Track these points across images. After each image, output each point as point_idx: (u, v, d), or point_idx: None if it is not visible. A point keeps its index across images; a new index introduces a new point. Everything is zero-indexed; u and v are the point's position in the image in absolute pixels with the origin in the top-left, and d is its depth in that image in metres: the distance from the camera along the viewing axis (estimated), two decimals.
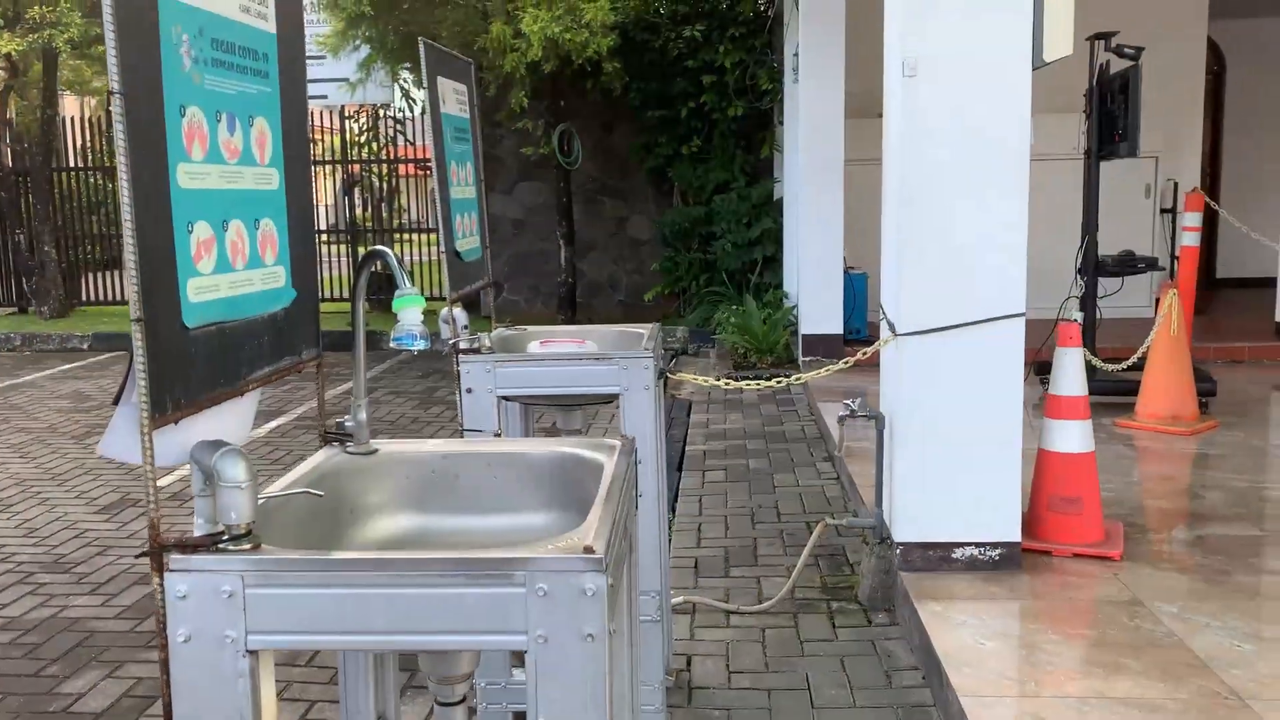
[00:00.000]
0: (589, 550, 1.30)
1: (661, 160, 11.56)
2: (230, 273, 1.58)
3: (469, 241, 3.16)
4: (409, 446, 1.92)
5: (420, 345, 1.71)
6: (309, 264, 1.84)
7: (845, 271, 8.44)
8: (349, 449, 1.88)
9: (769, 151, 11.31)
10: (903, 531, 3.91)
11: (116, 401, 1.40)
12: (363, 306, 1.83)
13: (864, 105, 9.62)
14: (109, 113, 9.12)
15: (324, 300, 13.12)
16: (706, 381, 3.61)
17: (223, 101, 1.56)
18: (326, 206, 17.51)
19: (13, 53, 11.85)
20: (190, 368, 1.45)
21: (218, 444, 1.42)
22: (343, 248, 13.32)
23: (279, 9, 1.73)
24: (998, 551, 3.88)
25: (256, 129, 1.67)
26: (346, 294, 12.84)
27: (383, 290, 12.75)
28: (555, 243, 11.65)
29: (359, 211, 13.29)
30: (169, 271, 1.40)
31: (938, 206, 3.74)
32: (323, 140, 16.54)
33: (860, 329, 8.66)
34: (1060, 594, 3.68)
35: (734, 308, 9.32)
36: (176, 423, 1.42)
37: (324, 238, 14.10)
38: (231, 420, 1.60)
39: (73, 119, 13.65)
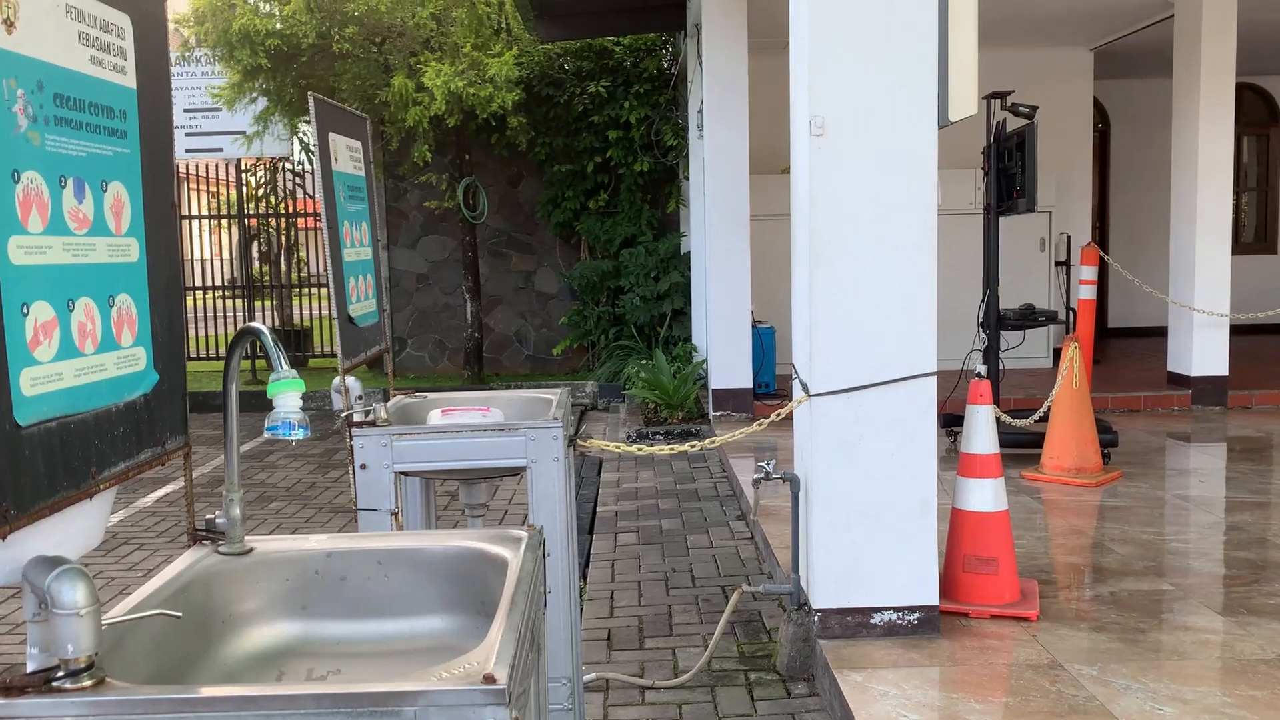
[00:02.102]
0: (490, 680, 1.14)
1: (568, 214, 11.49)
2: (77, 358, 1.39)
3: (364, 305, 2.98)
4: (289, 545, 1.73)
5: (299, 435, 1.53)
6: (175, 343, 1.65)
7: (753, 325, 8.42)
8: (221, 549, 1.68)
9: (675, 206, 11.33)
10: (820, 597, 3.80)
11: None
12: (236, 387, 1.65)
13: (767, 161, 9.71)
14: None
15: (217, 359, 12.66)
16: (619, 448, 3.46)
17: (68, 165, 1.38)
18: (223, 260, 16.98)
19: None
20: (23, 473, 1.25)
21: (54, 561, 1.22)
22: (239, 302, 12.88)
23: (140, 61, 1.56)
24: (916, 615, 3.79)
25: (111, 195, 1.48)
26: (246, 351, 12.39)
27: (285, 348, 12.35)
28: (461, 297, 11.44)
29: (257, 266, 12.88)
30: None
31: (848, 265, 3.69)
32: (219, 194, 16.07)
33: (769, 383, 8.64)
34: (980, 659, 3.61)
35: (644, 362, 9.22)
36: (4, 538, 1.21)
37: (221, 293, 13.61)
38: (78, 526, 1.40)
39: None
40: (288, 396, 1.54)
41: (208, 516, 1.69)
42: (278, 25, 9.61)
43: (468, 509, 3.21)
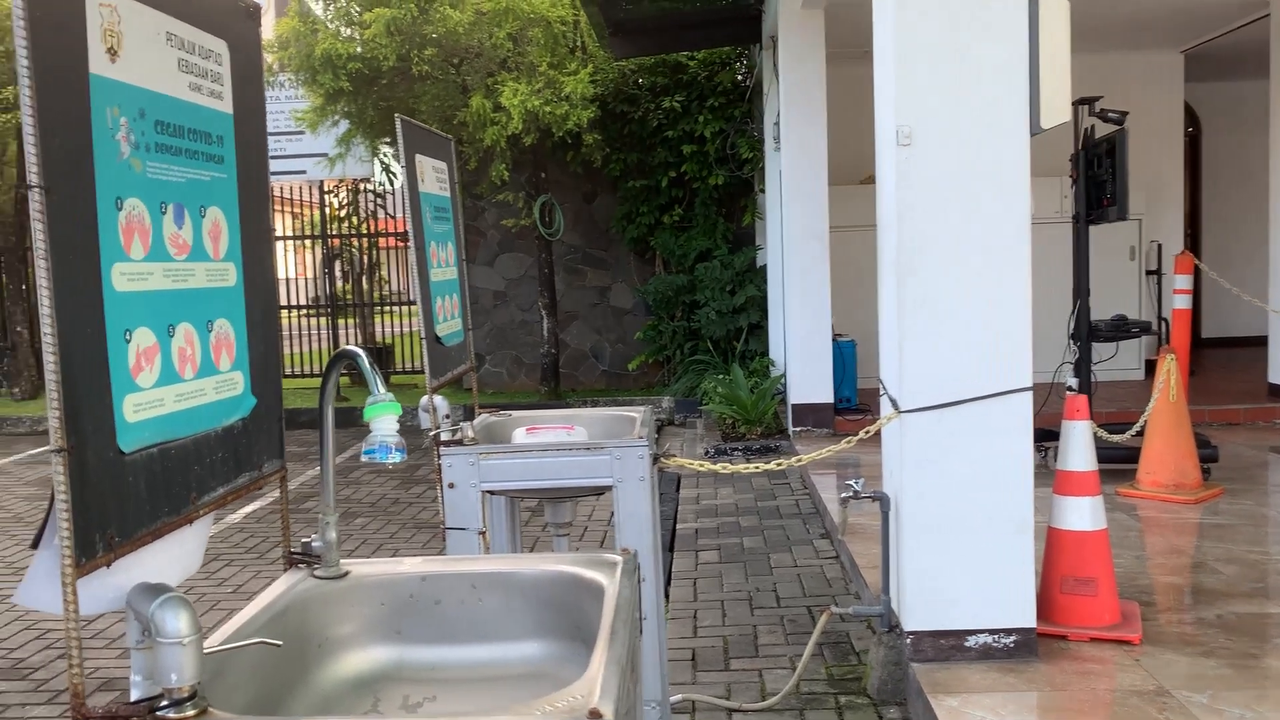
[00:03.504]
0: (596, 715, 1.10)
1: (643, 229, 11.48)
2: (177, 384, 1.39)
3: (450, 325, 2.98)
4: (383, 568, 1.71)
5: (395, 459, 1.51)
6: (272, 366, 1.65)
7: (833, 339, 8.30)
8: (317, 573, 1.68)
9: (750, 219, 11.26)
10: (912, 619, 3.70)
11: (36, 544, 1.20)
12: (331, 411, 1.64)
13: (846, 171, 9.60)
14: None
15: (303, 376, 12.90)
16: (702, 466, 3.42)
17: (169, 191, 1.39)
18: (307, 280, 17.38)
19: None
20: (127, 500, 1.25)
21: (157, 589, 1.21)
22: (324, 321, 13.14)
23: (236, 86, 1.56)
24: (1012, 638, 3.67)
25: (210, 220, 1.49)
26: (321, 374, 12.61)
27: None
28: (537, 314, 11.50)
29: (340, 285, 13.13)
30: (100, 389, 1.21)
31: (938, 277, 3.59)
32: (303, 215, 16.43)
33: (850, 398, 8.50)
34: (1081, 684, 3.47)
35: (720, 377, 9.15)
36: (109, 565, 1.21)
37: (305, 312, 13.92)
38: (179, 551, 1.40)
39: None
40: (385, 420, 1.52)
41: (304, 540, 1.68)
42: (359, 49, 9.79)
43: (553, 527, 3.19)
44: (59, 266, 1.14)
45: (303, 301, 13.85)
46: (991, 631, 3.67)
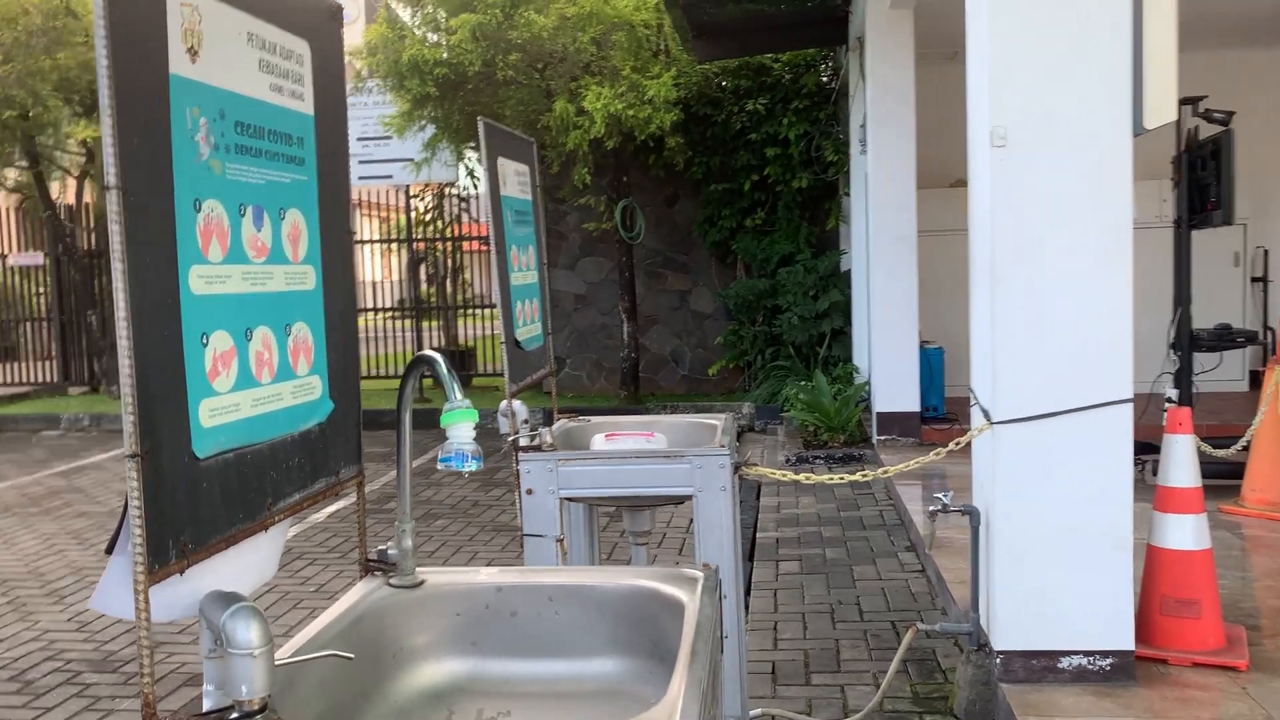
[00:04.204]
0: None
1: (725, 233, 11.40)
2: (254, 388, 1.37)
3: (530, 329, 2.96)
4: (459, 577, 1.68)
5: (472, 466, 1.48)
6: (350, 370, 1.63)
7: (920, 346, 8.12)
8: (392, 581, 1.65)
9: (835, 223, 11.09)
10: (1003, 638, 3.56)
11: (110, 549, 1.18)
12: (409, 416, 1.61)
13: (934, 174, 9.39)
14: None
15: (387, 378, 13.10)
16: (785, 475, 3.33)
17: (248, 193, 1.37)
18: (392, 283, 17.67)
19: (88, 139, 12.15)
20: (201, 506, 1.23)
21: (230, 598, 1.19)
22: (408, 323, 13.33)
23: (318, 88, 1.54)
24: (1109, 661, 3.51)
25: (289, 222, 1.47)
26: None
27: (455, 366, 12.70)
28: (618, 317, 11.49)
29: (424, 288, 13.31)
30: (176, 394, 1.19)
31: (1034, 283, 3.45)
32: (389, 219, 16.71)
33: (937, 406, 8.30)
34: (1183, 711, 3.30)
35: (802, 383, 9.02)
36: (182, 572, 1.19)
37: (390, 314, 14.15)
38: (254, 558, 1.38)
39: None
40: (462, 427, 1.49)
41: (379, 548, 1.65)
42: (445, 55, 9.90)
43: (631, 536, 3.14)
44: (135, 268, 1.12)
45: (388, 304, 14.09)
46: (1086, 653, 3.51)
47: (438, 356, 1.53)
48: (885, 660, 4.15)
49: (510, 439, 2.71)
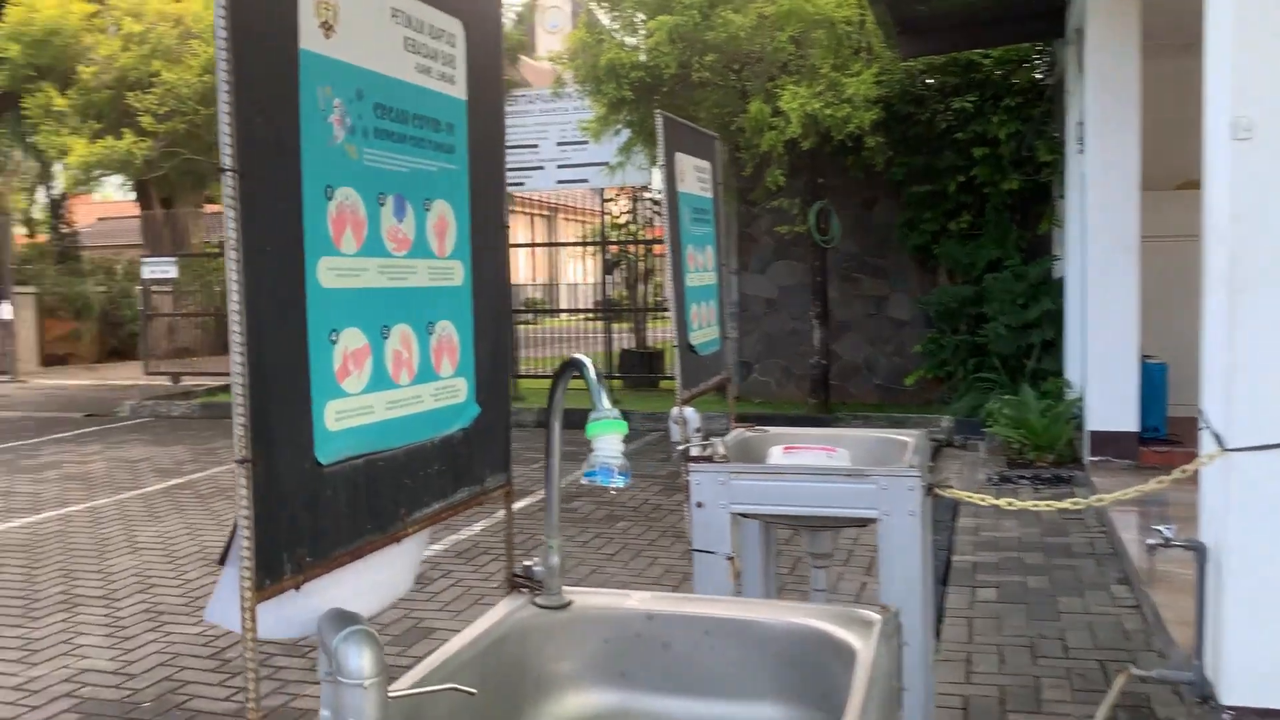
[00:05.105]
0: None
1: (926, 237, 10.91)
2: (390, 389, 1.28)
3: (706, 333, 2.81)
4: (609, 600, 1.55)
5: (618, 483, 1.34)
6: (500, 373, 1.52)
7: (1141, 361, 7.47)
8: (538, 600, 1.53)
9: (1047, 227, 10.42)
10: (1233, 692, 3.15)
11: (223, 560, 1.11)
12: (560, 424, 1.49)
13: (1159, 177, 8.64)
14: None
15: (574, 378, 13.25)
16: (984, 500, 3.05)
17: (388, 181, 1.28)
18: (589, 285, 17.96)
19: None
20: (322, 517, 1.14)
21: (345, 619, 1.09)
22: (599, 324, 13.49)
23: (472, 70, 1.44)
24: None
25: (435, 214, 1.37)
26: (601, 371, 12.92)
27: (634, 367, 12.76)
28: (809, 323, 11.19)
29: (618, 290, 13.44)
30: (297, 395, 1.10)
31: None
32: (586, 222, 16.96)
33: (1159, 427, 7.62)
34: None
35: (1007, 397, 8.49)
36: (299, 587, 1.11)
37: (585, 316, 14.40)
38: (385, 572, 1.29)
39: None
40: (608, 439, 1.35)
41: (525, 564, 1.54)
42: (642, 58, 9.91)
43: (810, 557, 2.94)
44: (252, 259, 1.04)
45: (585, 305, 14.33)
46: None
47: (587, 361, 1.40)
48: (1091, 704, 3.76)
49: (680, 448, 2.57)
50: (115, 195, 27.84)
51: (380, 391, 1.26)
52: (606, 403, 1.37)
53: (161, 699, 4.04)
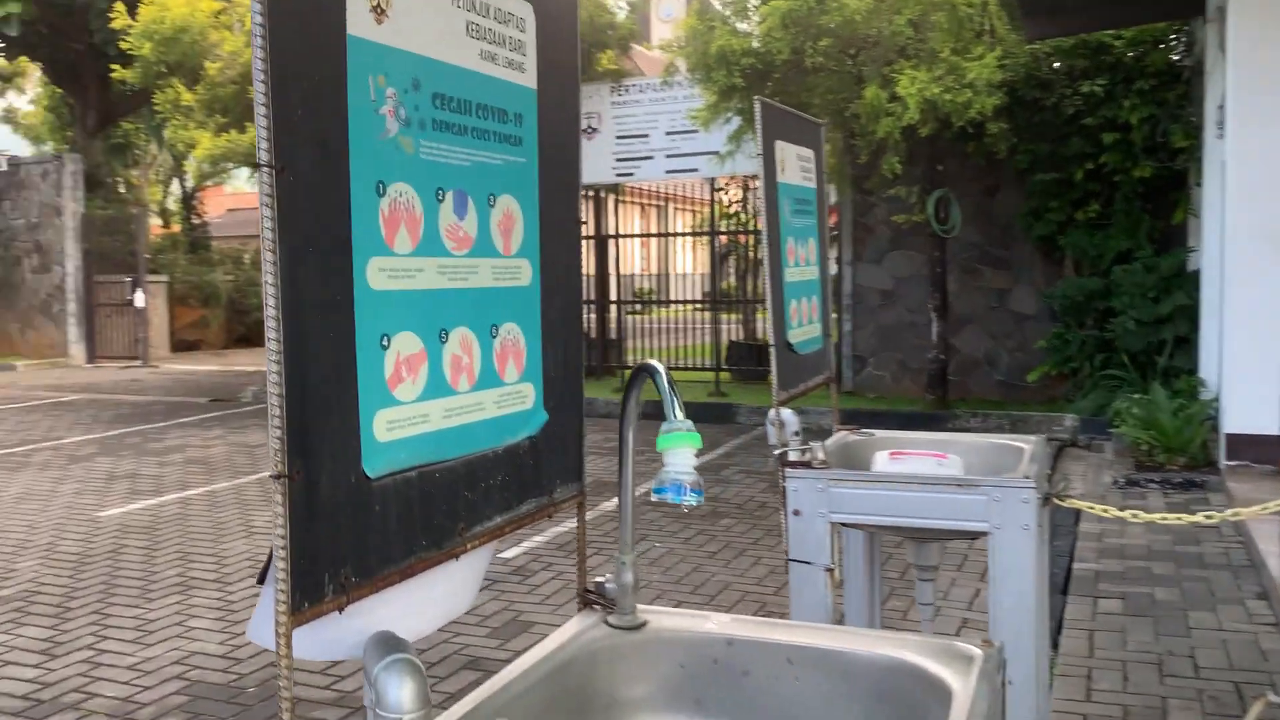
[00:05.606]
0: None
1: (1052, 227, 10.45)
2: (448, 396, 1.20)
3: (807, 331, 2.68)
4: (686, 622, 1.45)
5: (690, 501, 1.24)
6: (571, 378, 1.43)
7: None
8: (610, 620, 1.44)
9: (1183, 217, 9.86)
10: None
11: (262, 579, 1.05)
12: (632, 432, 1.40)
13: None
14: None
15: (690, 369, 13.16)
16: (1107, 512, 2.84)
17: (448, 176, 1.20)
18: (701, 276, 17.87)
19: None
20: (369, 534, 1.07)
21: (390, 644, 1.02)
22: (708, 315, 13.37)
23: (543, 58, 1.36)
24: None
25: (500, 210, 1.29)
26: (709, 362, 12.79)
27: (742, 359, 12.61)
28: (926, 315, 10.85)
29: (728, 281, 13.30)
30: (343, 405, 1.04)
31: None
32: (697, 212, 16.88)
33: None
34: None
35: (1136, 396, 8.06)
36: (341, 610, 1.04)
37: (695, 307, 14.30)
38: (442, 589, 1.21)
39: None
40: (680, 452, 1.25)
41: (598, 579, 1.46)
42: (754, 44, 9.73)
43: (916, 569, 2.79)
44: (291, 260, 0.97)
45: (696, 296, 14.23)
46: None
47: (659, 366, 1.30)
48: None
49: (777, 452, 2.45)
50: (245, 187, 28.97)
51: (437, 399, 1.19)
52: (679, 414, 1.26)
53: (266, 684, 4.11)
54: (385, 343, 1.11)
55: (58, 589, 5.30)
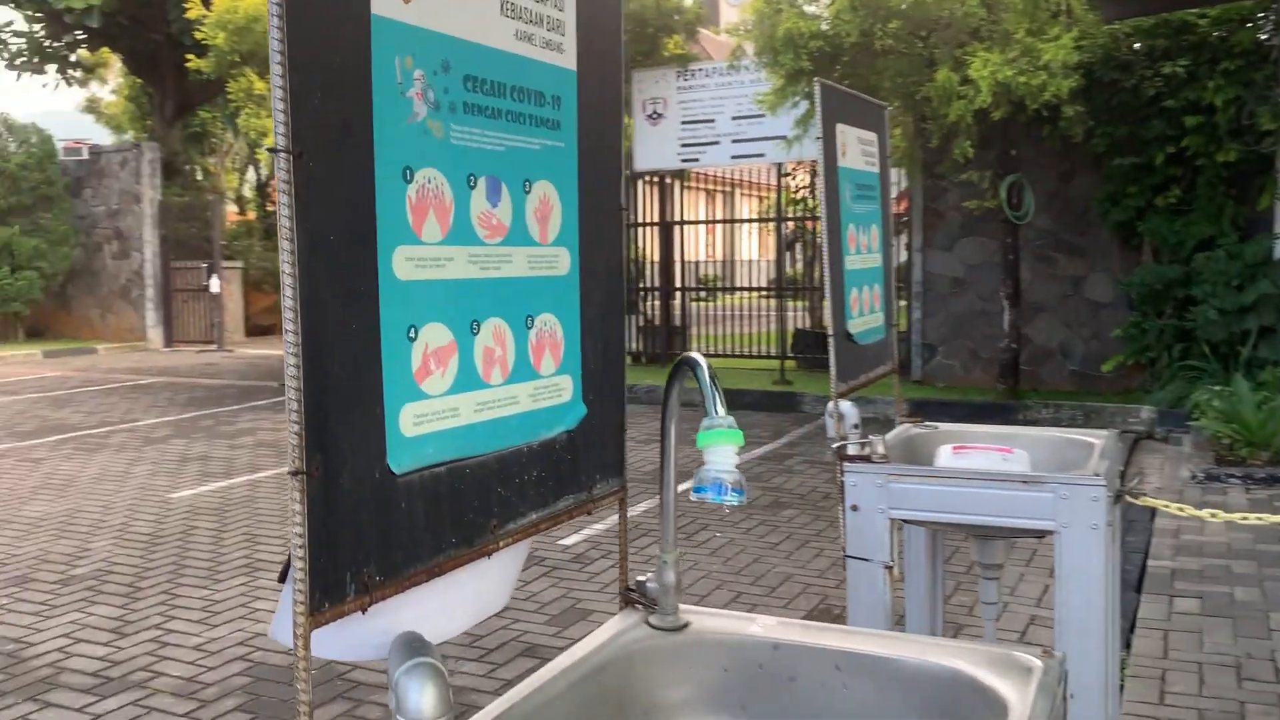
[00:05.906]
0: None
1: (1130, 213, 10.12)
2: (480, 390, 1.16)
3: (867, 321, 2.60)
4: (730, 624, 1.40)
5: (732, 501, 1.19)
6: (612, 370, 1.39)
7: None
8: (651, 620, 1.40)
9: (1269, 202, 9.47)
10: None
11: (283, 578, 1.02)
12: (674, 425, 1.35)
13: None
14: None
15: (753, 357, 13.05)
16: (1183, 510, 2.72)
17: (480, 161, 1.16)
18: (767, 262, 17.72)
19: None
20: (394, 531, 1.04)
21: (413, 647, 0.99)
22: (773, 301, 13.23)
23: (583, 38, 1.31)
24: None
25: (536, 197, 1.25)
26: (775, 350, 12.65)
27: (808, 347, 12.48)
28: (998, 303, 10.60)
29: (795, 268, 13.15)
30: (367, 398, 1.00)
31: None
32: (764, 198, 16.71)
33: None
34: None
35: (1218, 387, 7.78)
36: (364, 610, 1.01)
37: (761, 293, 14.17)
38: (473, 588, 1.18)
39: None
40: (721, 450, 1.20)
41: (639, 579, 1.41)
42: (823, 26, 9.56)
43: (980, 567, 2.70)
44: (310, 248, 0.93)
45: (763, 283, 14.05)
46: None
47: (701, 360, 1.24)
48: None
49: (836, 445, 2.38)
50: None
51: (468, 392, 1.15)
52: (721, 410, 1.21)
53: (326, 667, 4.15)
54: (412, 334, 1.07)
55: (129, 569, 5.42)
